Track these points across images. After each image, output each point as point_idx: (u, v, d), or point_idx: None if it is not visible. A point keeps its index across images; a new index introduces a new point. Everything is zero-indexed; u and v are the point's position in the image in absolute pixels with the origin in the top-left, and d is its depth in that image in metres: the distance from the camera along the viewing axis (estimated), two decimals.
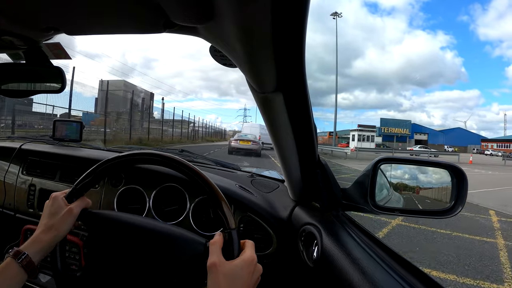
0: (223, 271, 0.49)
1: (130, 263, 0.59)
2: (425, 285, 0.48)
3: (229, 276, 0.49)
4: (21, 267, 0.51)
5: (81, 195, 0.62)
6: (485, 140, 51.26)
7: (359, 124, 38.82)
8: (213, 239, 0.54)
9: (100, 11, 0.41)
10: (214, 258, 0.50)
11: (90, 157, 1.07)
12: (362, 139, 33.20)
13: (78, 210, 0.60)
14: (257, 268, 0.53)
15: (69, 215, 0.58)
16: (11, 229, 1.04)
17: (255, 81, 0.51)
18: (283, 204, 0.90)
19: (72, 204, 0.60)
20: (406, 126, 44.86)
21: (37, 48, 0.56)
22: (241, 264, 0.50)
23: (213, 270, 0.50)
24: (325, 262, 0.60)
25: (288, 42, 0.39)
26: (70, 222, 0.59)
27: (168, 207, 0.93)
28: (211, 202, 0.58)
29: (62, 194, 0.61)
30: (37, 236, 0.56)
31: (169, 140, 16.66)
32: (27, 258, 0.52)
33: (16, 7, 0.41)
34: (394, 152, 13.47)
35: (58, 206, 0.59)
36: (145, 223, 0.61)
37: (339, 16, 31.36)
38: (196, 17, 0.37)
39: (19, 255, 0.52)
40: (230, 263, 0.50)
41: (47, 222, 0.57)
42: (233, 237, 0.54)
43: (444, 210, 0.68)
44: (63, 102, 9.97)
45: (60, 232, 0.57)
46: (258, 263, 0.53)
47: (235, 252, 0.53)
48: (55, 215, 0.58)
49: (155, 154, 0.62)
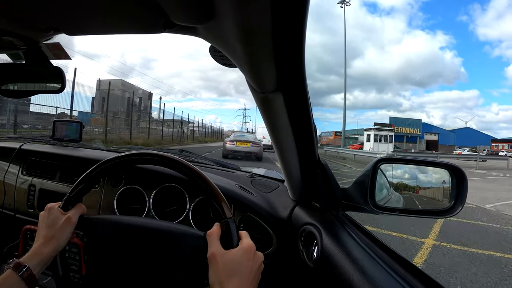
0: (222, 261, 0.49)
1: (131, 265, 0.58)
2: (425, 285, 0.48)
3: (228, 265, 0.49)
4: (22, 280, 0.51)
5: (76, 202, 0.61)
6: (495, 141, 47.32)
7: (376, 123, 33.62)
8: (210, 230, 0.54)
9: (100, 11, 0.41)
10: (213, 249, 0.51)
11: (90, 157, 1.07)
12: (379, 139, 27.41)
13: (76, 218, 0.59)
14: (257, 256, 0.52)
15: (67, 224, 0.58)
16: (10, 229, 1.04)
17: (255, 81, 0.51)
18: (283, 204, 0.90)
19: (69, 212, 0.59)
20: (417, 126, 40.98)
21: (37, 48, 0.56)
22: (239, 252, 0.50)
23: (212, 261, 0.50)
24: (325, 262, 0.60)
25: (288, 42, 0.39)
26: (70, 232, 0.58)
27: (168, 207, 0.93)
28: (210, 200, 0.58)
29: (57, 204, 0.60)
30: (38, 249, 0.55)
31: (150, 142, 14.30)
32: (28, 271, 0.51)
33: (16, 7, 0.41)
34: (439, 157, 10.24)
35: (55, 217, 0.58)
36: (142, 223, 0.61)
37: (347, 4, 29.68)
38: (196, 17, 0.37)
39: (20, 268, 0.51)
40: (229, 252, 0.50)
41: (46, 234, 0.56)
42: (230, 226, 0.54)
43: (444, 210, 0.68)
44: (60, 102, 10.00)
45: (60, 242, 0.57)
46: (258, 251, 0.53)
47: (234, 241, 0.53)
48: (53, 226, 0.57)
49: (154, 154, 0.62)
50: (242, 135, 11.55)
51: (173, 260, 0.57)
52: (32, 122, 10.98)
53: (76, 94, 10.75)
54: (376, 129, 30.07)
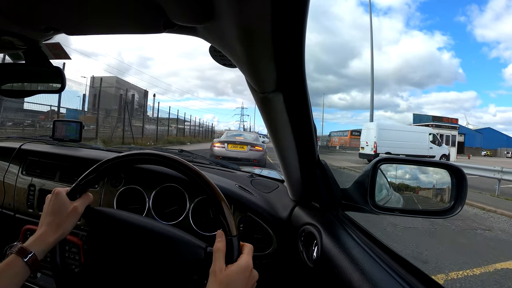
0: (220, 277, 0.49)
1: (129, 262, 0.59)
2: (425, 285, 0.48)
3: (225, 281, 0.49)
4: (26, 265, 0.51)
5: (84, 192, 0.61)
6: None
7: (435, 116, 23.58)
8: (216, 245, 0.54)
9: (100, 11, 0.41)
10: (217, 266, 0.51)
11: (90, 157, 1.07)
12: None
13: (82, 208, 0.60)
14: (253, 274, 0.53)
15: (74, 213, 0.58)
16: (10, 229, 1.04)
17: (255, 81, 0.51)
18: (282, 204, 0.90)
19: (76, 202, 0.59)
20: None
21: (37, 48, 0.56)
22: (236, 269, 0.51)
23: (212, 276, 0.50)
24: (325, 262, 0.60)
25: (288, 42, 0.39)
26: (75, 221, 0.59)
27: (168, 207, 0.93)
28: (212, 203, 0.58)
29: (64, 190, 0.60)
30: (43, 235, 0.55)
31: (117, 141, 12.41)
32: (33, 257, 0.52)
33: (16, 7, 0.41)
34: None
35: (61, 203, 0.58)
36: (146, 223, 0.61)
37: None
38: (196, 17, 0.37)
39: (26, 254, 0.51)
40: (227, 269, 0.51)
41: (53, 220, 0.56)
42: (234, 244, 0.54)
43: (444, 210, 0.68)
44: (47, 99, 9.38)
45: (65, 231, 0.57)
46: (254, 269, 0.53)
47: (234, 257, 0.53)
48: (60, 213, 0.57)
49: (154, 154, 0.62)
50: (236, 134, 7.95)
51: (172, 266, 0.57)
52: (15, 119, 10.27)
53: (66, 91, 10.33)
54: (435, 125, 19.52)
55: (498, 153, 39.50)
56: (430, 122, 23.47)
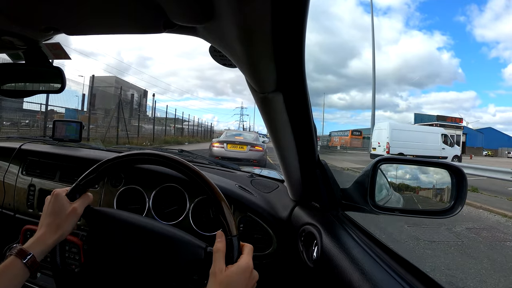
0: (220, 278, 0.49)
1: (129, 262, 0.59)
2: (424, 285, 0.48)
3: (225, 282, 0.49)
4: (25, 267, 0.51)
5: (83, 192, 0.61)
6: None
7: (440, 116, 23.38)
8: (216, 245, 0.53)
9: (100, 11, 0.41)
10: (217, 266, 0.51)
11: (90, 157, 1.07)
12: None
13: (82, 209, 0.59)
14: (253, 275, 0.53)
15: (73, 214, 0.58)
16: (10, 229, 1.04)
17: (255, 81, 0.51)
18: (282, 204, 0.90)
19: (75, 202, 0.59)
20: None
21: (37, 48, 0.56)
22: (236, 270, 0.51)
23: (213, 277, 0.50)
24: (325, 262, 0.60)
25: (288, 42, 0.39)
26: (75, 222, 0.59)
27: (168, 207, 0.93)
28: (212, 203, 0.58)
29: (63, 191, 0.60)
30: (42, 237, 0.55)
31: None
32: (32, 258, 0.52)
33: (16, 7, 0.41)
34: None
35: (61, 204, 0.58)
36: (146, 223, 0.61)
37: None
38: (196, 17, 0.37)
39: (25, 255, 0.51)
40: (228, 270, 0.51)
41: (52, 222, 0.56)
42: (234, 244, 0.54)
43: (444, 210, 0.68)
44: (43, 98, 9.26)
45: (65, 232, 0.57)
46: (254, 270, 0.53)
47: (235, 257, 0.53)
48: (59, 214, 0.57)
49: (155, 154, 0.62)
50: (236, 134, 7.92)
51: (172, 266, 0.57)
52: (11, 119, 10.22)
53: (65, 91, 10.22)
54: (439, 125, 19.00)
55: (499, 153, 38.56)
56: (434, 121, 22.88)
